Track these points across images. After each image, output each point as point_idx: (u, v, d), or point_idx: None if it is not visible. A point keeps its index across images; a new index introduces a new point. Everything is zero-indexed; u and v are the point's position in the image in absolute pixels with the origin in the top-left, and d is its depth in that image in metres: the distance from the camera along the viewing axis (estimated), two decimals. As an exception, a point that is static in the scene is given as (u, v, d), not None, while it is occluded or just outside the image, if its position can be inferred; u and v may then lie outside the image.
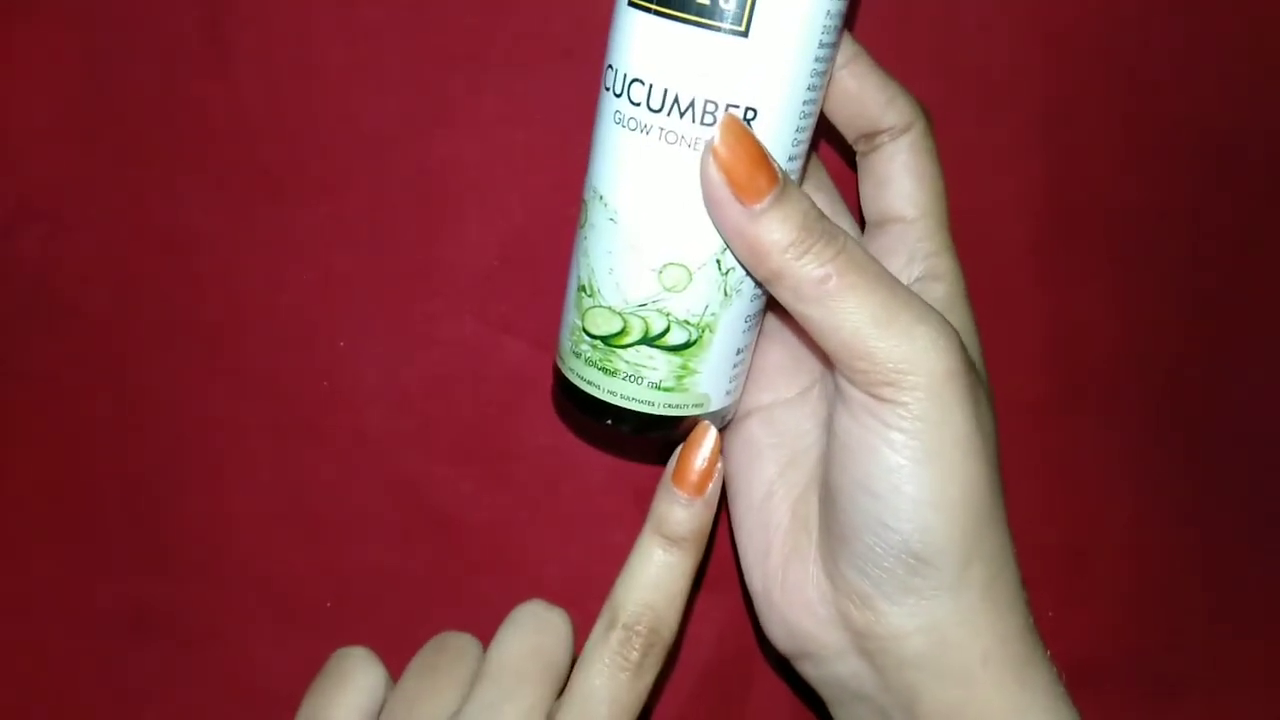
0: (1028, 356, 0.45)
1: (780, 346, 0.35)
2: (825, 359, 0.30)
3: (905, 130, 0.32)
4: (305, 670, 0.47)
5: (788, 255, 0.27)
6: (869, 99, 0.32)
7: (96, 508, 0.45)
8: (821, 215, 0.28)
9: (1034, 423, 0.45)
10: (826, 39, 0.27)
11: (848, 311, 0.27)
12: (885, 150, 0.32)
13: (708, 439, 0.31)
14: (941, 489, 0.28)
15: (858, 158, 0.34)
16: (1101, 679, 0.46)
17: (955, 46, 0.44)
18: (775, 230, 0.26)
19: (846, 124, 0.33)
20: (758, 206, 0.26)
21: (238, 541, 0.42)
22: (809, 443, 0.34)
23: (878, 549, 0.29)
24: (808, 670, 0.34)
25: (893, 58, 0.44)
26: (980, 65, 0.44)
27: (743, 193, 0.26)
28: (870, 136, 0.32)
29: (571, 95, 0.44)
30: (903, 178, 0.32)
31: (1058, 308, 0.45)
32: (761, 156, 0.26)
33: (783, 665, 0.42)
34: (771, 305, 0.32)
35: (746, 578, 0.35)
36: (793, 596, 0.33)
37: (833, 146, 0.44)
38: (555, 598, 0.43)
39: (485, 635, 0.43)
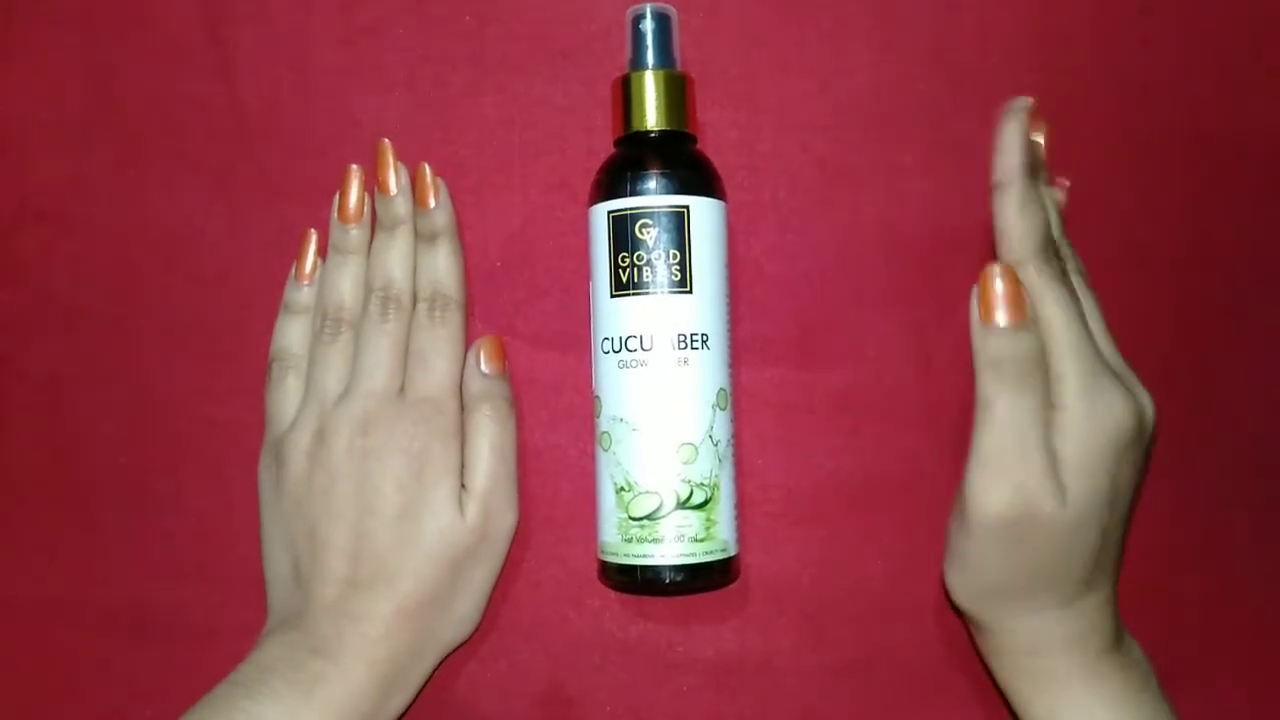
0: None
1: None
2: None
3: None
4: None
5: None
6: None
7: (96, 508, 0.45)
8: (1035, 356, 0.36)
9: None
10: (727, 285, 0.41)
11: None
12: None
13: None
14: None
15: None
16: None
17: (955, 46, 0.44)
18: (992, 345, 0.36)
19: None
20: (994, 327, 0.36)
21: (238, 541, 0.42)
22: None
23: None
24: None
25: (894, 58, 0.44)
26: (980, 65, 0.44)
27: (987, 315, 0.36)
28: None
29: (569, 96, 0.44)
30: None
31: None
32: (1020, 297, 0.36)
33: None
34: None
35: None
36: None
37: (827, 150, 0.44)
38: (553, 597, 0.44)
39: (486, 637, 0.43)
